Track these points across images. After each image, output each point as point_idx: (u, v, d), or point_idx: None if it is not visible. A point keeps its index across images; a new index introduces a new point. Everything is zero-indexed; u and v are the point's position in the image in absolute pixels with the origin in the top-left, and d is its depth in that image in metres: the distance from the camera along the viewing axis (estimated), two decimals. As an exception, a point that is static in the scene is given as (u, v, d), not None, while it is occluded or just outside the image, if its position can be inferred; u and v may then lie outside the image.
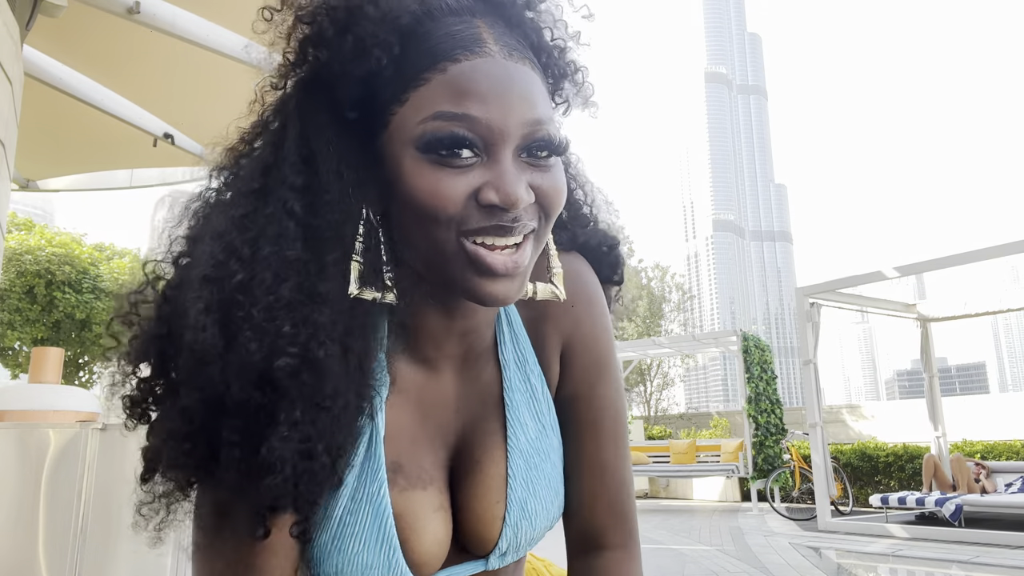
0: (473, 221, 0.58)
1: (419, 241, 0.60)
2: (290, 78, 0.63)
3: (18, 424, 3.35)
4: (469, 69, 0.57)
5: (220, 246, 0.58)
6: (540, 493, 0.70)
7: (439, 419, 0.70)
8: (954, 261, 7.96)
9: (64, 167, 8.86)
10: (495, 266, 0.58)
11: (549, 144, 0.60)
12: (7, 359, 13.34)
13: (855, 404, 14.21)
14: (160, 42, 5.57)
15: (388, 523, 0.63)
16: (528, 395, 0.73)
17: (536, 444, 0.71)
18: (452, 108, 0.56)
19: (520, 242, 0.60)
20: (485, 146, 0.57)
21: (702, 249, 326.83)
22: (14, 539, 3.05)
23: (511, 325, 0.74)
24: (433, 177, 0.57)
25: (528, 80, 0.59)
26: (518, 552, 0.71)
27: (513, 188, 0.57)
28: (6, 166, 3.35)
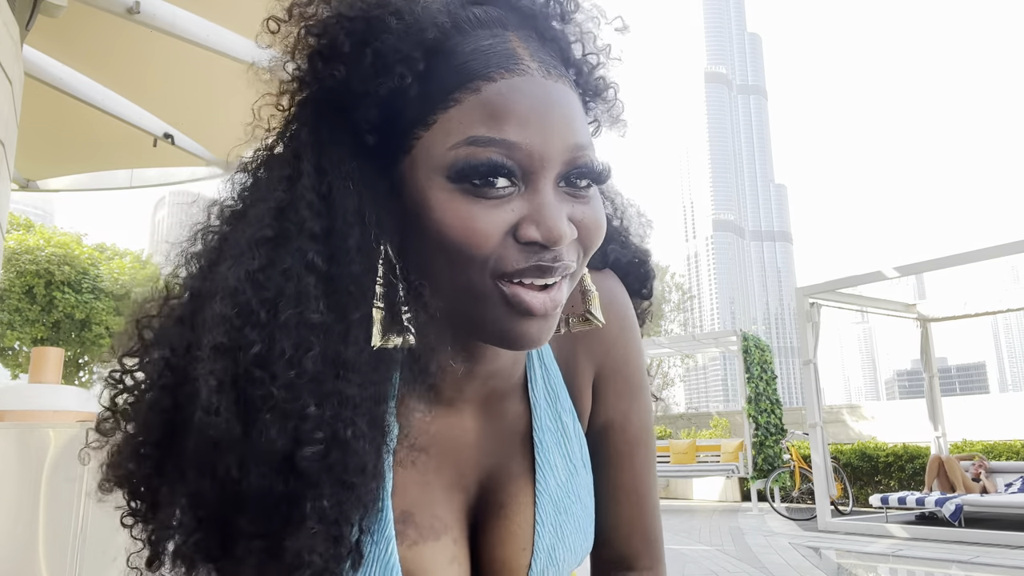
0: (511, 262, 0.51)
1: (446, 281, 0.53)
2: (297, 97, 0.56)
3: (18, 424, 3.35)
4: (506, 89, 0.51)
5: (233, 308, 0.49)
6: (569, 539, 0.65)
7: (458, 463, 0.64)
8: (954, 261, 7.96)
9: (64, 167, 8.86)
10: (534, 307, 0.52)
11: (591, 172, 0.54)
12: (7, 359, 13.35)
13: (855, 404, 14.22)
14: (160, 42, 5.57)
15: (395, 572, 0.57)
16: (559, 434, 0.68)
17: (566, 487, 0.66)
18: (488, 132, 0.50)
19: (558, 281, 0.54)
20: (524, 175, 0.51)
21: (702, 249, 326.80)
22: (14, 539, 3.05)
23: (542, 360, 0.69)
24: (466, 210, 0.50)
25: (569, 101, 0.54)
26: None
27: (557, 223, 0.51)
28: (6, 166, 3.35)
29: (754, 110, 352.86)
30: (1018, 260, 16.10)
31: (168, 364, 0.54)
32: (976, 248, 8.37)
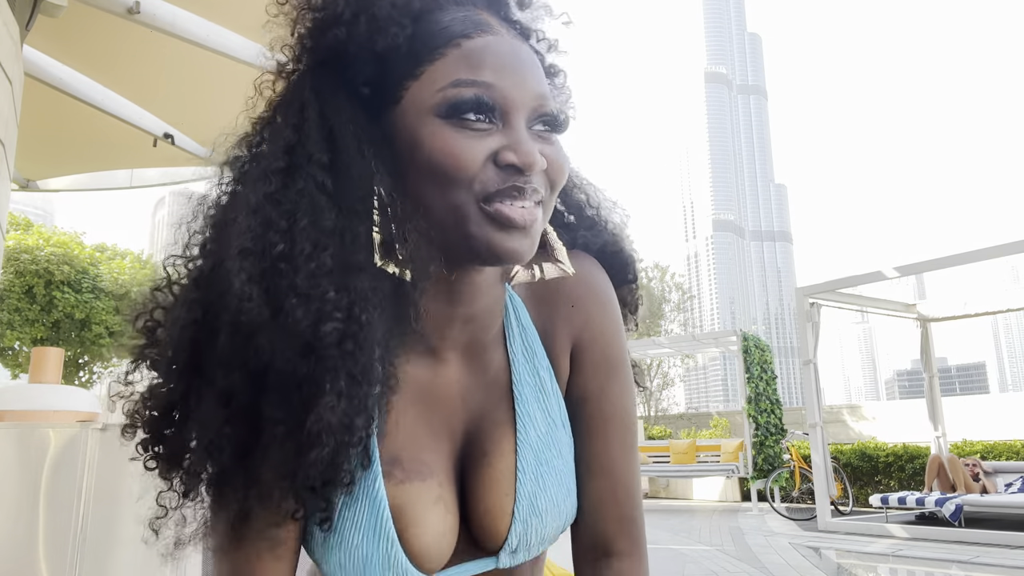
0: (491, 183, 0.59)
1: (437, 208, 0.60)
2: (302, 60, 0.64)
3: (18, 424, 3.35)
4: (482, 44, 0.61)
5: (257, 220, 0.57)
6: (551, 489, 0.69)
7: (444, 412, 0.69)
8: (954, 261, 7.96)
9: (64, 167, 8.86)
10: (515, 218, 0.59)
11: (554, 119, 0.63)
12: (7, 359, 13.34)
13: (855, 404, 14.22)
14: (160, 42, 5.57)
15: (385, 516, 0.62)
16: (537, 388, 0.72)
17: (546, 438, 0.70)
18: (470, 76, 0.59)
19: (532, 205, 0.61)
20: (500, 113, 0.60)
21: (702, 249, 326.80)
22: (14, 539, 3.05)
23: (519, 319, 0.74)
24: (453, 140, 0.59)
25: (533, 59, 0.64)
26: (529, 551, 0.69)
27: (531, 151, 0.59)
28: (6, 166, 3.35)
29: (754, 110, 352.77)
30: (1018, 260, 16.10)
31: (196, 281, 0.61)
32: (976, 248, 8.36)
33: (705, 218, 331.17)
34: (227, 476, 0.58)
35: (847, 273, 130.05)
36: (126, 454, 2.40)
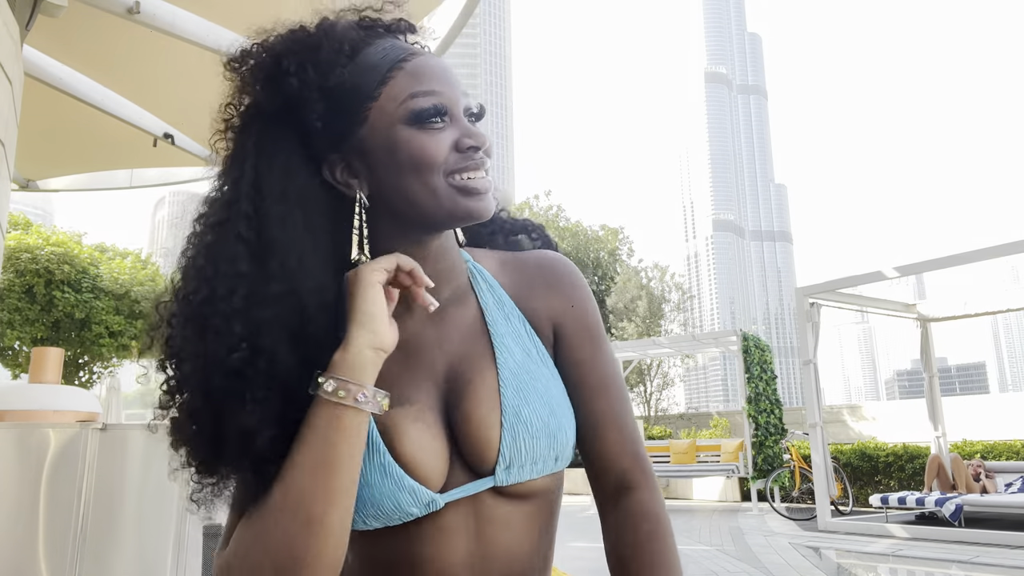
0: (455, 163, 0.76)
1: (417, 189, 0.75)
2: (250, 116, 0.78)
3: (18, 424, 3.35)
4: (420, 63, 0.77)
5: (193, 271, 0.73)
6: (533, 403, 0.77)
7: (422, 359, 0.80)
8: (954, 261, 7.96)
9: (64, 167, 8.84)
10: (479, 187, 0.77)
11: (477, 111, 0.80)
12: (7, 359, 13.33)
13: (855, 404, 14.21)
14: (160, 42, 5.57)
15: (374, 435, 0.73)
16: (510, 329, 0.83)
17: (524, 365, 0.80)
18: (422, 88, 0.75)
19: (485, 174, 0.78)
20: (448, 113, 0.76)
21: (702, 249, 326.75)
22: (14, 539, 3.05)
23: (486, 279, 0.87)
24: (424, 139, 0.75)
25: (451, 70, 0.80)
26: (523, 469, 0.76)
27: (481, 134, 0.77)
28: (6, 166, 3.35)
29: (754, 110, 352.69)
30: (1018, 260, 16.07)
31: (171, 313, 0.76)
32: (976, 248, 8.36)
33: (705, 218, 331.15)
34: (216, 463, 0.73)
35: (847, 273, 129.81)
36: (126, 454, 2.42)
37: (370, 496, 0.72)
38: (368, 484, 0.72)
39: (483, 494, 0.76)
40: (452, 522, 0.75)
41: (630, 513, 0.82)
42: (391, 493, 0.72)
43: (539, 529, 0.80)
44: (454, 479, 0.76)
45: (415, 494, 0.73)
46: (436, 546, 0.75)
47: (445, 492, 0.75)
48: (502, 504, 0.77)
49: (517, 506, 0.78)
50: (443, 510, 0.75)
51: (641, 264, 23.89)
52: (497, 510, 0.77)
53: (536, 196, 24.77)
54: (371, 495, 0.72)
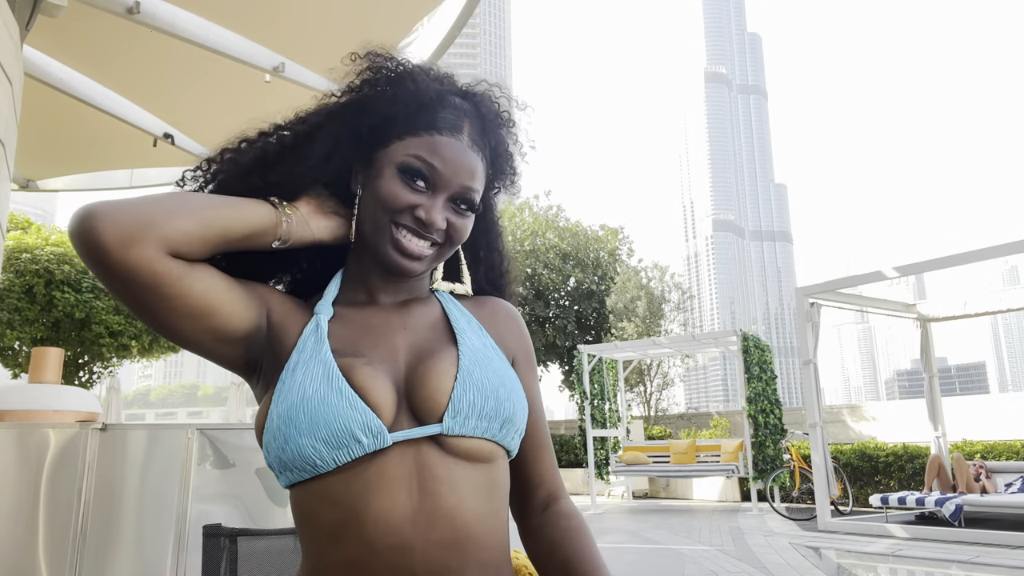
0: (404, 219, 0.90)
1: (371, 219, 0.91)
2: (343, 96, 0.96)
3: (18, 424, 3.35)
4: (445, 141, 0.92)
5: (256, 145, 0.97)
6: (487, 371, 0.89)
7: (383, 335, 0.92)
8: (954, 261, 7.96)
9: (64, 167, 8.84)
10: (407, 248, 0.90)
11: (470, 204, 0.94)
12: (7, 359, 13.32)
13: (855, 404, 14.21)
14: (160, 42, 5.57)
15: (332, 366, 0.83)
16: (472, 329, 0.96)
17: (482, 350, 0.92)
18: (426, 156, 0.90)
19: (427, 244, 0.91)
20: (433, 186, 0.91)
21: (702, 249, 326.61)
22: (14, 539, 3.05)
23: (453, 302, 1.00)
24: (398, 187, 0.90)
25: (475, 164, 0.94)
26: (467, 421, 0.84)
27: (435, 216, 0.90)
28: (6, 166, 3.35)
29: (754, 110, 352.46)
30: (1018, 260, 16.03)
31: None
32: (976, 248, 8.35)
33: (705, 218, 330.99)
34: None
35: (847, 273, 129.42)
36: (126, 454, 2.42)
37: (323, 414, 0.79)
38: (324, 401, 0.80)
39: (428, 450, 0.82)
40: (397, 472, 0.80)
41: (560, 513, 0.99)
42: (344, 413, 0.79)
43: (485, 498, 0.85)
44: (400, 425, 0.83)
45: (365, 416, 0.80)
46: (381, 499, 0.79)
47: (393, 432, 0.82)
48: (447, 462, 0.83)
49: (461, 466, 0.84)
50: (389, 459, 0.81)
51: (641, 264, 23.86)
52: (442, 468, 0.82)
53: (536, 196, 24.72)
54: (324, 413, 0.79)
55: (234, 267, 0.91)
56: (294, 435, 0.79)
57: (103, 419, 3.96)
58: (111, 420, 9.08)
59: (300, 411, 0.80)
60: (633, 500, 12.31)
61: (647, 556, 6.74)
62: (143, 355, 14.35)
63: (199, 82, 6.65)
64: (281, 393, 0.83)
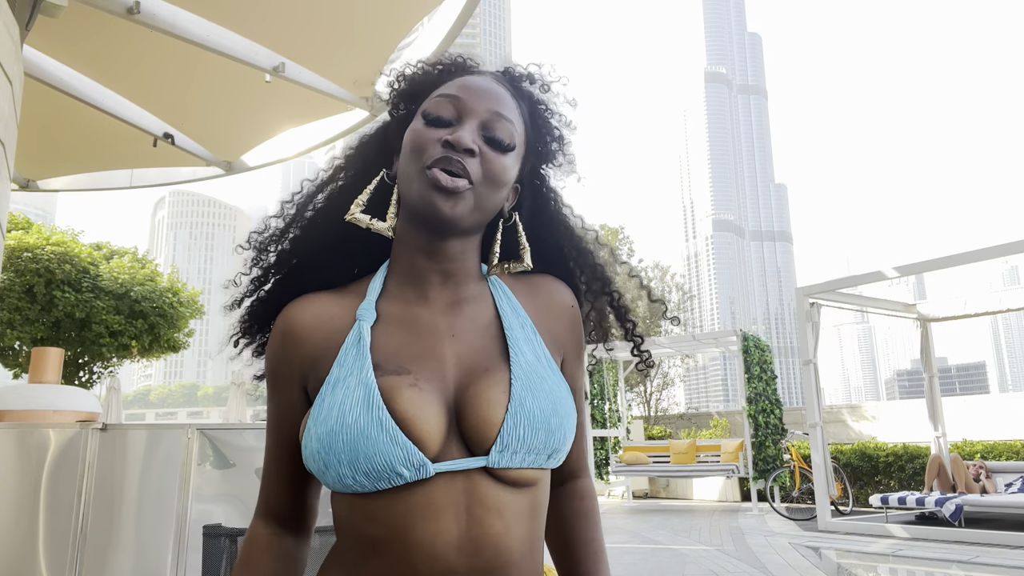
0: (432, 154, 0.82)
1: (404, 177, 0.86)
2: (389, 110, 0.96)
3: (18, 424, 3.35)
4: (467, 79, 0.89)
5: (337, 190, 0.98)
6: (539, 400, 0.82)
7: (430, 340, 0.85)
8: (954, 261, 7.96)
9: (64, 167, 8.84)
10: (441, 180, 0.80)
11: (504, 133, 0.86)
12: (7, 359, 13.32)
13: (855, 404, 14.21)
14: (160, 42, 5.56)
15: (374, 391, 0.77)
16: (524, 335, 0.88)
17: (534, 365, 0.85)
18: (447, 92, 0.86)
19: (463, 178, 0.82)
20: (459, 115, 0.85)
21: (702, 249, 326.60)
22: (14, 539, 3.05)
23: (504, 292, 0.92)
24: (422, 130, 0.85)
25: (504, 94, 0.89)
26: (515, 456, 0.79)
27: (463, 135, 0.82)
28: (6, 166, 3.35)
29: (754, 110, 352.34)
30: (1018, 260, 16.02)
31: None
32: (976, 248, 8.35)
33: (705, 218, 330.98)
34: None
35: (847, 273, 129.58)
36: (126, 454, 2.42)
37: (364, 448, 0.75)
38: (364, 435, 0.75)
39: (477, 477, 0.78)
40: (444, 499, 0.77)
41: (574, 492, 1.00)
42: (385, 448, 0.75)
43: (528, 522, 0.82)
44: (448, 454, 0.78)
45: (407, 452, 0.75)
46: (426, 523, 0.76)
47: (437, 463, 0.77)
48: (495, 489, 0.79)
49: (509, 493, 0.80)
50: (435, 486, 0.77)
51: (641, 264, 23.86)
52: (490, 495, 0.78)
53: (536, 196, 24.77)
54: (365, 447, 0.75)
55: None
56: (334, 463, 0.76)
57: (103, 419, 3.97)
58: (111, 420, 9.08)
59: (339, 439, 0.76)
60: (633, 500, 12.30)
61: (647, 556, 6.74)
62: (143, 355, 14.34)
63: (199, 82, 6.65)
64: (320, 413, 0.78)
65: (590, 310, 1.01)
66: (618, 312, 1.03)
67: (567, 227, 1.01)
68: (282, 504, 0.91)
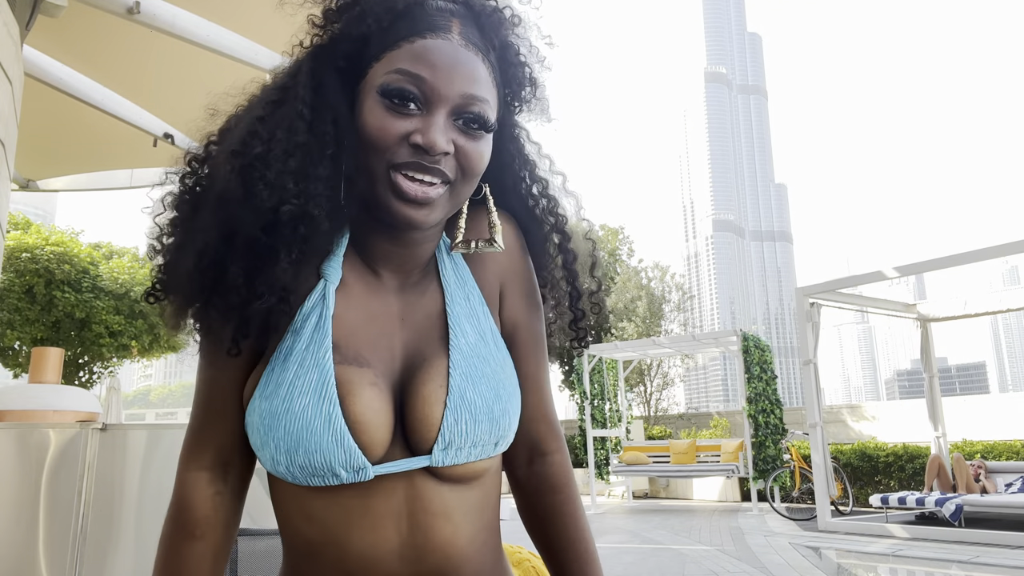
0: (400, 156, 0.73)
1: (363, 168, 0.75)
2: (311, 37, 0.81)
3: (18, 424, 3.35)
4: (431, 44, 0.74)
5: (246, 132, 0.75)
6: (480, 387, 0.77)
7: (384, 326, 0.80)
8: (954, 261, 7.96)
9: (64, 167, 8.84)
10: (408, 192, 0.73)
11: (479, 119, 0.76)
12: (7, 359, 13.32)
13: (855, 404, 14.21)
14: (160, 42, 5.57)
15: (329, 382, 0.72)
16: (468, 310, 0.83)
17: (475, 348, 0.80)
18: (409, 68, 0.73)
19: (435, 183, 0.74)
20: (426, 102, 0.73)
21: (702, 249, 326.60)
22: (14, 539, 3.05)
23: (453, 260, 0.86)
24: (382, 117, 0.73)
25: (474, 65, 0.76)
26: (460, 451, 0.75)
27: (435, 136, 0.72)
28: (6, 166, 3.35)
29: (754, 110, 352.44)
30: (1018, 260, 15.97)
31: (193, 170, 0.80)
32: (976, 248, 8.35)
33: (705, 218, 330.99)
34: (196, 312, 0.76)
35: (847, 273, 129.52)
36: (126, 454, 2.43)
37: (305, 442, 0.70)
38: (308, 428, 0.70)
39: (420, 480, 0.74)
40: (383, 507, 0.73)
41: (544, 483, 0.88)
42: (328, 448, 0.70)
43: (478, 517, 0.78)
44: (391, 455, 0.74)
45: (350, 455, 0.71)
46: (364, 532, 0.72)
47: (378, 465, 0.73)
48: (440, 490, 0.75)
49: (456, 492, 0.76)
50: (374, 493, 0.73)
51: (641, 264, 23.86)
52: (435, 499, 0.74)
53: (536, 196, 24.75)
54: (307, 441, 0.70)
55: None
56: (271, 446, 0.71)
57: (103, 419, 3.97)
58: (111, 420, 9.08)
59: (281, 424, 0.70)
60: (633, 500, 12.30)
61: (647, 556, 6.74)
62: (143, 355, 14.34)
63: (199, 82, 6.65)
64: (268, 387, 0.73)
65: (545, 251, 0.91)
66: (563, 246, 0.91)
67: (525, 157, 0.91)
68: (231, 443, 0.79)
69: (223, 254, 0.72)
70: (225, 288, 0.71)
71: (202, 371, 0.79)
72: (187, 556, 0.76)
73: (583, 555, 0.86)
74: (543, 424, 0.89)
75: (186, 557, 0.76)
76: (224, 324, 0.73)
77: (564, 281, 0.92)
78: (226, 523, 0.79)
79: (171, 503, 0.79)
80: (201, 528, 0.77)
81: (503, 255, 0.87)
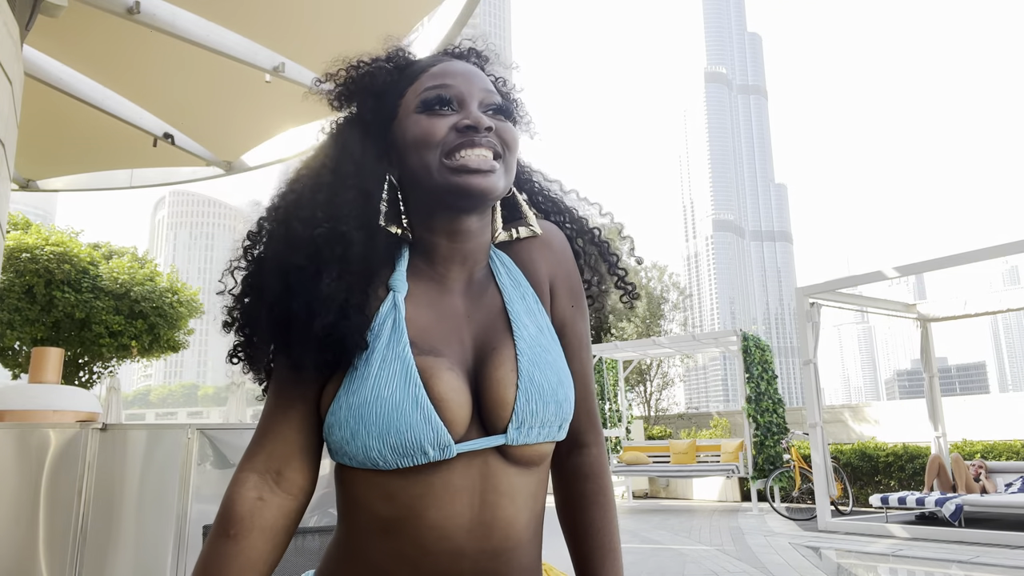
0: (451, 141, 0.84)
1: (416, 171, 0.86)
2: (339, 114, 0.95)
3: (18, 424, 3.35)
4: (444, 65, 0.90)
5: (284, 190, 0.89)
6: (545, 371, 0.85)
7: (452, 323, 0.87)
8: (954, 261, 7.96)
9: (64, 167, 8.84)
10: (471, 163, 0.83)
11: (503, 109, 0.90)
12: (7, 359, 13.32)
13: (855, 404, 14.21)
14: (160, 42, 5.57)
15: (412, 369, 0.79)
16: (525, 307, 0.91)
17: (537, 338, 0.88)
18: (437, 82, 0.87)
19: (488, 156, 0.85)
20: (458, 102, 0.87)
21: (702, 249, 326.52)
22: (14, 539, 3.05)
23: (503, 262, 0.95)
24: (426, 121, 0.85)
25: (483, 75, 0.92)
26: (531, 431, 0.82)
27: (478, 114, 0.85)
28: (6, 166, 3.35)
29: (754, 110, 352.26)
30: (1018, 260, 15.97)
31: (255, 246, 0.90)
32: (976, 248, 8.35)
33: (705, 218, 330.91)
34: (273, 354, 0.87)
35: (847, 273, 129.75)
36: (126, 454, 2.42)
37: (396, 423, 0.76)
38: (398, 408, 0.77)
39: (492, 459, 0.81)
40: (461, 483, 0.79)
41: (579, 471, 0.96)
42: (418, 426, 0.77)
43: (534, 503, 0.85)
44: (468, 435, 0.81)
45: (438, 432, 0.77)
46: (441, 505, 0.78)
47: (459, 444, 0.79)
48: (508, 472, 0.82)
49: (520, 476, 0.83)
50: (455, 469, 0.79)
51: (641, 264, 23.85)
52: (503, 479, 0.81)
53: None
54: (398, 421, 0.77)
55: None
56: (362, 434, 0.77)
57: (103, 419, 3.97)
58: (111, 420, 9.07)
59: (372, 411, 0.77)
60: (633, 500, 12.30)
61: (647, 556, 6.74)
62: (143, 355, 14.34)
63: (199, 82, 6.65)
64: (353, 382, 0.80)
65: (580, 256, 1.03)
66: (601, 248, 1.04)
67: (531, 180, 1.05)
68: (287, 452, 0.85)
69: (287, 299, 0.80)
70: (295, 323, 0.80)
71: (273, 383, 0.87)
72: (215, 551, 0.81)
73: (606, 544, 0.93)
74: (586, 418, 0.97)
75: (213, 552, 0.81)
76: (303, 354, 0.80)
77: (601, 259, 1.04)
78: (263, 530, 0.82)
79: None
80: (235, 527, 0.81)
81: (553, 256, 0.97)
